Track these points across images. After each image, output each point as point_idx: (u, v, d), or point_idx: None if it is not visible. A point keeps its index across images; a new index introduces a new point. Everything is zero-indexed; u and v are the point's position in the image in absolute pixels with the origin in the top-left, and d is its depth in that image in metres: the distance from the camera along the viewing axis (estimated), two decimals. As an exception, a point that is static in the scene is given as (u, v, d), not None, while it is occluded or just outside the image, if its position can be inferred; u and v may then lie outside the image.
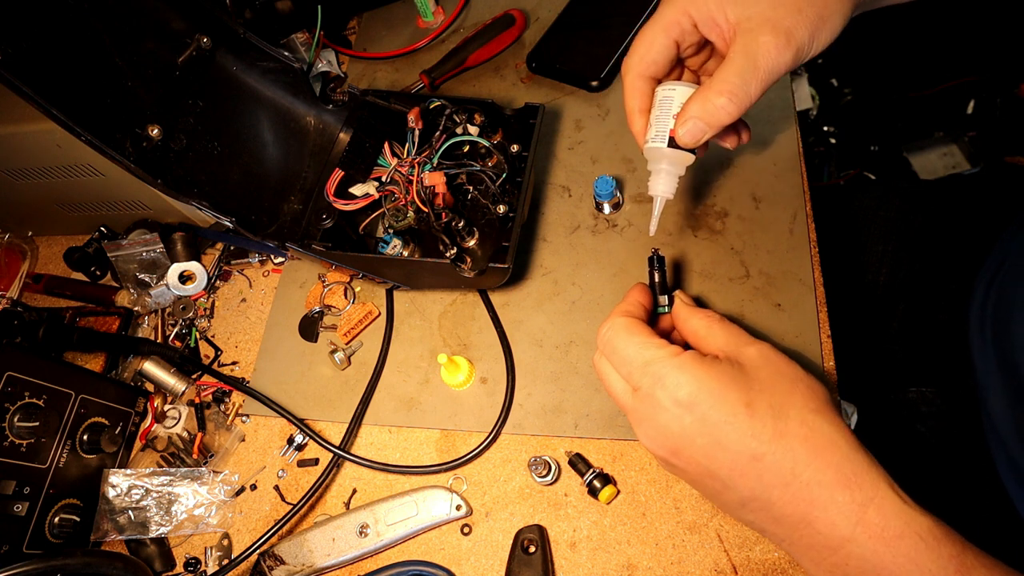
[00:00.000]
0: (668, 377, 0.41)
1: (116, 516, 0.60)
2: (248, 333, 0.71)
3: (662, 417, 0.41)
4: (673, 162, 0.51)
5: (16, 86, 0.47)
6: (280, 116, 0.66)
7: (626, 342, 0.44)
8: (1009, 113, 1.38)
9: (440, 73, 0.79)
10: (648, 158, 0.52)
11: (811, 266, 0.61)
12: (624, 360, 0.44)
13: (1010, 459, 0.59)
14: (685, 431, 0.41)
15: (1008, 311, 0.60)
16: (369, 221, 0.63)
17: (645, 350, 0.43)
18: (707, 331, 0.46)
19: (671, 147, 0.49)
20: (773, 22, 0.43)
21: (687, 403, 0.40)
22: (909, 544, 0.36)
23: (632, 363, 0.43)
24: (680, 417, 0.40)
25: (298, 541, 0.57)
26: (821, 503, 0.38)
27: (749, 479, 0.39)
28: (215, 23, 0.60)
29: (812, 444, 0.39)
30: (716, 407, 0.40)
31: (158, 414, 0.66)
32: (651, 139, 0.50)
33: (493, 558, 0.56)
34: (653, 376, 0.41)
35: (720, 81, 0.44)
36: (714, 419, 0.40)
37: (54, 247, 0.83)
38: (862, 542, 0.37)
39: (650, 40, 0.48)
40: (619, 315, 0.46)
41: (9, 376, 0.54)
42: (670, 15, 0.47)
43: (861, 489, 0.37)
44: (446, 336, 0.66)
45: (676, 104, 0.48)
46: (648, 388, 0.42)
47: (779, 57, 0.43)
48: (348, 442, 0.62)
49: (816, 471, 0.38)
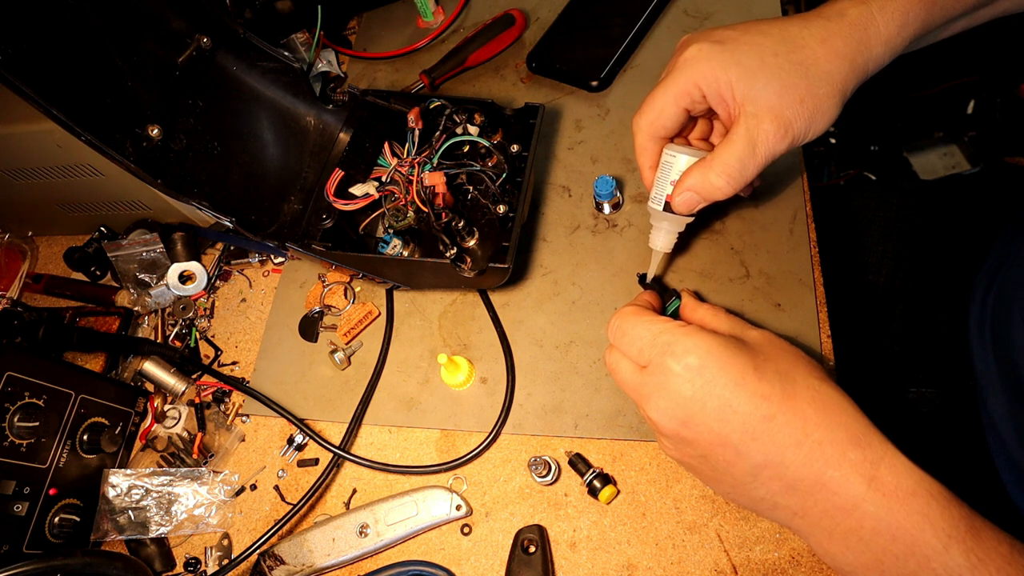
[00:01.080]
0: (677, 344, 0.42)
1: (116, 516, 0.60)
2: (248, 333, 0.71)
3: (672, 384, 0.42)
4: (671, 223, 0.55)
5: (16, 86, 0.47)
6: (280, 116, 0.66)
7: (635, 322, 0.45)
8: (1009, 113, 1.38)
9: (440, 73, 0.79)
10: (650, 214, 0.56)
11: (811, 266, 0.61)
12: (634, 339, 0.45)
13: (1010, 459, 0.59)
14: (696, 395, 0.41)
15: (1007, 311, 0.60)
16: (369, 221, 0.63)
17: (654, 325, 0.45)
18: (712, 318, 0.49)
19: (667, 211, 0.53)
20: (776, 112, 0.46)
21: (697, 367, 0.41)
22: (922, 502, 0.37)
23: (642, 339, 0.44)
24: (691, 380, 0.41)
25: (298, 541, 0.57)
26: (835, 461, 0.38)
27: (762, 441, 0.40)
28: (215, 23, 0.60)
29: (820, 405, 0.40)
30: (725, 370, 0.41)
31: (158, 414, 0.66)
32: (652, 199, 0.54)
33: (493, 558, 0.56)
34: (663, 345, 0.43)
35: (720, 163, 0.48)
36: (723, 381, 0.41)
37: (54, 247, 0.83)
38: (876, 500, 0.37)
39: (660, 107, 0.50)
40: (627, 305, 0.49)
41: (9, 376, 0.54)
42: (682, 84, 0.49)
43: (871, 447, 0.38)
44: (446, 336, 0.66)
45: (675, 171, 0.52)
46: (658, 358, 0.43)
47: (777, 145, 0.47)
48: (348, 442, 0.62)
49: (827, 430, 0.39)
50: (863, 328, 0.79)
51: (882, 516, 0.37)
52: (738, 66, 0.46)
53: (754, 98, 0.46)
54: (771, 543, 0.52)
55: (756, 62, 0.46)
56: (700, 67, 0.47)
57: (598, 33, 0.79)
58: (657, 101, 0.50)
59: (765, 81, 0.46)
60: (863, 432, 0.39)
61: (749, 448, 0.40)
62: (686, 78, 0.48)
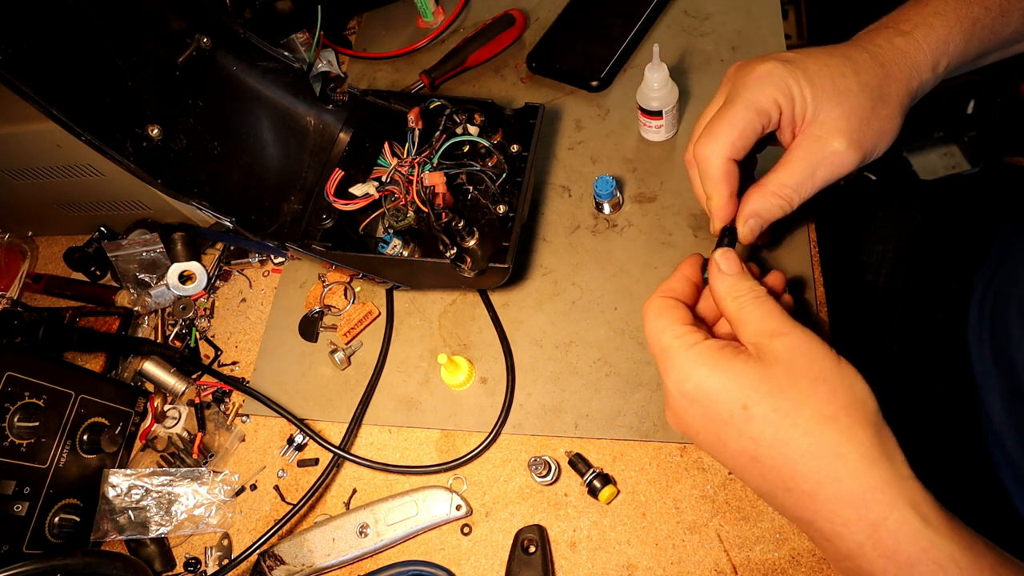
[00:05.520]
0: (675, 368, 0.41)
1: (116, 516, 0.60)
2: (248, 333, 0.71)
3: (673, 403, 0.42)
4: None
5: (16, 86, 0.47)
6: (280, 116, 0.66)
7: (652, 324, 0.44)
8: (1009, 113, 1.38)
9: (440, 73, 0.79)
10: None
11: (811, 266, 0.61)
12: (648, 341, 0.44)
13: (1009, 458, 0.59)
14: (690, 423, 0.41)
15: (1005, 311, 0.60)
16: (369, 221, 0.63)
17: (663, 336, 0.43)
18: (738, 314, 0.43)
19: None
20: (846, 132, 0.46)
21: (690, 397, 0.41)
22: (925, 571, 0.34)
23: (653, 345, 0.44)
24: (685, 408, 0.41)
25: (298, 541, 0.57)
26: (825, 515, 0.36)
27: (753, 476, 0.40)
28: (215, 23, 0.60)
29: (814, 456, 0.37)
30: (714, 406, 0.40)
31: (158, 414, 0.66)
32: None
33: (493, 558, 0.56)
34: (665, 364, 0.42)
35: (778, 185, 0.47)
36: (712, 417, 0.40)
37: (54, 247, 0.83)
38: (872, 559, 0.35)
39: (743, 125, 0.46)
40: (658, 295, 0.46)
41: (9, 376, 0.54)
42: (763, 102, 0.46)
43: (869, 509, 0.35)
44: (446, 336, 0.66)
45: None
46: (662, 373, 0.43)
47: (842, 166, 0.46)
48: (348, 442, 0.62)
49: (816, 484, 0.36)
50: (863, 328, 0.79)
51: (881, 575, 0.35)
52: (812, 85, 0.46)
53: (823, 120, 0.46)
54: (771, 543, 0.52)
55: (828, 82, 0.46)
56: (777, 81, 0.46)
57: (598, 33, 0.79)
58: (737, 119, 0.46)
59: (836, 101, 0.45)
60: (863, 489, 0.35)
61: (743, 477, 0.41)
62: (764, 94, 0.46)
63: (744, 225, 0.48)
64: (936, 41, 0.47)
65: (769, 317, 0.41)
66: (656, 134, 0.71)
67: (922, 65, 0.47)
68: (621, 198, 0.68)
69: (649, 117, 0.68)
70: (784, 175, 0.47)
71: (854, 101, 0.45)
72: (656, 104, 0.66)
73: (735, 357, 0.40)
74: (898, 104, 0.47)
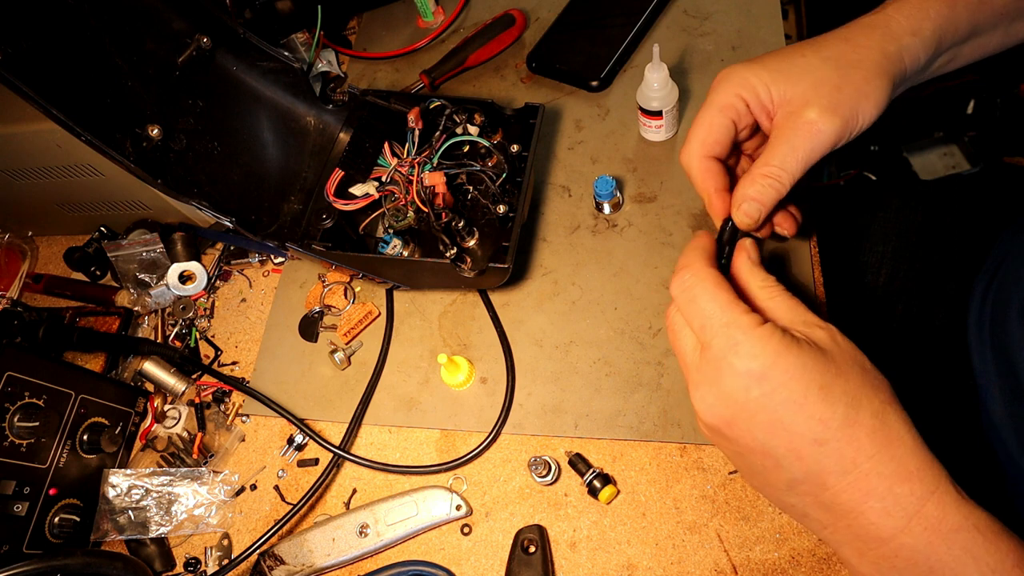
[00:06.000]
0: (745, 344, 0.39)
1: (116, 516, 0.60)
2: (248, 333, 0.71)
3: (728, 383, 0.40)
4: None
5: (16, 86, 0.47)
6: (280, 116, 0.66)
7: (711, 296, 0.42)
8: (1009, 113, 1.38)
9: (440, 73, 0.79)
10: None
11: (811, 266, 0.61)
12: (702, 314, 0.42)
13: (1010, 458, 0.59)
14: (748, 403, 0.39)
15: (1005, 311, 0.60)
16: (369, 221, 0.63)
17: (729, 310, 0.41)
18: (768, 302, 0.43)
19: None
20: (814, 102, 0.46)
21: (759, 374, 0.39)
22: (967, 536, 0.36)
23: (712, 319, 0.41)
24: (748, 387, 0.39)
25: (298, 541, 0.57)
26: (879, 493, 0.38)
27: (807, 462, 0.39)
28: (215, 23, 0.60)
29: (880, 437, 0.38)
30: (788, 385, 0.38)
31: (158, 414, 0.66)
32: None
33: (493, 558, 0.56)
34: (730, 339, 0.40)
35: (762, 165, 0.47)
36: (783, 397, 0.38)
37: (54, 247, 0.83)
38: (917, 533, 0.37)
39: (709, 122, 0.49)
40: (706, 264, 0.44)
41: (9, 376, 0.54)
42: (724, 98, 0.48)
43: (922, 483, 0.38)
44: (446, 336, 0.66)
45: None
46: (720, 349, 0.40)
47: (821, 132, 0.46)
48: (348, 442, 0.62)
49: (878, 463, 0.38)
50: (863, 328, 0.79)
51: (920, 548, 0.37)
52: (768, 70, 0.47)
53: (790, 97, 0.47)
54: (771, 543, 0.52)
55: (786, 64, 0.47)
56: (735, 78, 0.48)
57: (598, 33, 0.79)
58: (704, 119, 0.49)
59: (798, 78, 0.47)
60: (917, 467, 0.38)
61: (791, 464, 0.39)
62: (725, 91, 0.48)
63: (738, 211, 0.47)
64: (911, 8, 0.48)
65: (799, 308, 0.42)
66: (656, 134, 0.71)
67: (898, 30, 0.47)
68: (621, 198, 0.68)
69: (649, 117, 0.68)
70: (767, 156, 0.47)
71: (818, 74, 0.46)
72: (656, 104, 0.66)
73: (798, 341, 0.40)
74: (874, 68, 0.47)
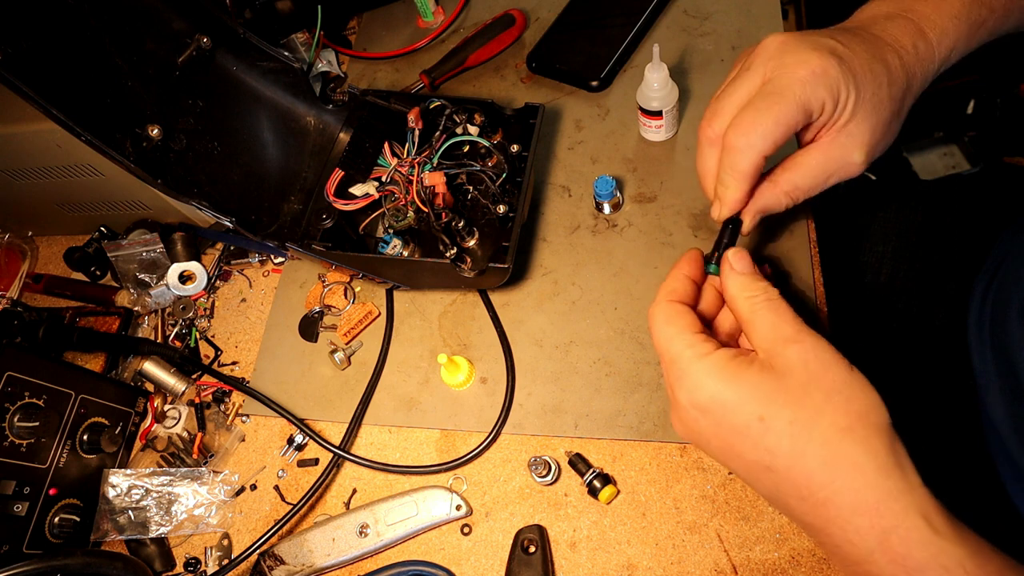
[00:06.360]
0: (687, 379, 0.40)
1: (116, 516, 0.60)
2: (248, 333, 0.71)
3: (680, 413, 0.42)
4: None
5: (16, 86, 0.47)
6: (280, 116, 0.66)
7: (661, 331, 0.43)
8: (1009, 113, 1.38)
9: (440, 73, 0.79)
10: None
11: (811, 266, 0.61)
12: (657, 348, 0.43)
13: (1009, 458, 0.59)
14: (701, 432, 0.41)
15: (1005, 311, 0.60)
16: (369, 221, 0.63)
17: (673, 345, 0.41)
18: (751, 315, 0.42)
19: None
20: (868, 145, 0.45)
21: (702, 408, 0.40)
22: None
23: (662, 354, 0.43)
24: (696, 419, 0.41)
25: (298, 541, 0.57)
26: (838, 523, 0.37)
27: (765, 485, 0.40)
28: (215, 23, 0.60)
29: (831, 467, 0.37)
30: (728, 417, 0.39)
31: (158, 414, 0.66)
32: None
33: (493, 558, 0.56)
34: (676, 374, 0.41)
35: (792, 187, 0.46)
36: (727, 428, 0.39)
37: (54, 247, 0.83)
38: (882, 565, 0.36)
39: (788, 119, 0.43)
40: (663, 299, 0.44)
41: (9, 376, 0.54)
42: (814, 102, 0.43)
43: (883, 517, 0.36)
44: (446, 336, 0.66)
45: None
46: (669, 382, 0.42)
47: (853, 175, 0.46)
48: (348, 442, 0.62)
49: (832, 493, 0.37)
50: (863, 328, 0.79)
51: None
52: (857, 93, 0.44)
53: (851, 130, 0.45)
54: (771, 543, 0.52)
55: (869, 92, 0.44)
56: (833, 88, 0.43)
57: (598, 33, 0.79)
58: (784, 116, 0.43)
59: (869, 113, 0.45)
60: (879, 498, 0.36)
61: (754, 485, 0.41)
62: (818, 97, 0.43)
63: (751, 220, 0.47)
64: (948, 48, 0.47)
65: (782, 322, 0.41)
66: (656, 134, 0.71)
67: (931, 72, 0.48)
68: (621, 198, 0.68)
69: (649, 117, 0.68)
70: (799, 176, 0.46)
71: (882, 115, 0.45)
72: (656, 104, 0.66)
73: (749, 367, 0.39)
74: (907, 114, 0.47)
